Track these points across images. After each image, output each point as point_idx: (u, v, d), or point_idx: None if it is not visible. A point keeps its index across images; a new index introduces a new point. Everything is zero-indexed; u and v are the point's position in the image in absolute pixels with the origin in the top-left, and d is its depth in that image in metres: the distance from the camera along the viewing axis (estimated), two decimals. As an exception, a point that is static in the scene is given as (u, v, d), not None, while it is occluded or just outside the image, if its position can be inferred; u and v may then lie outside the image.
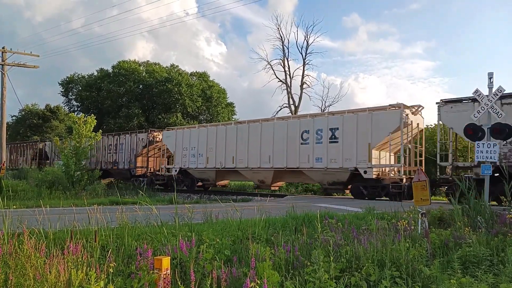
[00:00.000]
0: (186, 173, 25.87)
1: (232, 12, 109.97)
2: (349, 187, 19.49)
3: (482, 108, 10.44)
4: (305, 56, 41.18)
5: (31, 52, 27.49)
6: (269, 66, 41.60)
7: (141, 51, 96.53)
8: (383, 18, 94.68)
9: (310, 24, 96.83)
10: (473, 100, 14.77)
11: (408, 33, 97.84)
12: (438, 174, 16.55)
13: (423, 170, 14.21)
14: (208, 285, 3.51)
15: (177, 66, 52.69)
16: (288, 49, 43.24)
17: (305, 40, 41.82)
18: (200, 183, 26.13)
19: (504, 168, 12.07)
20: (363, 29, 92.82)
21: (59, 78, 62.80)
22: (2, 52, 26.53)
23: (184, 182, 26.38)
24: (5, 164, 25.34)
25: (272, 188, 23.61)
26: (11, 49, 26.84)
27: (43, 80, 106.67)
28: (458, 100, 15.90)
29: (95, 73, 53.48)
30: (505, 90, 10.42)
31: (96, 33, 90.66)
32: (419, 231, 6.16)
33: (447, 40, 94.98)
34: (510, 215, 7.22)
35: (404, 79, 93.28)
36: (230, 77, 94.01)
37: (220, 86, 51.95)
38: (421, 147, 19.24)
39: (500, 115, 10.27)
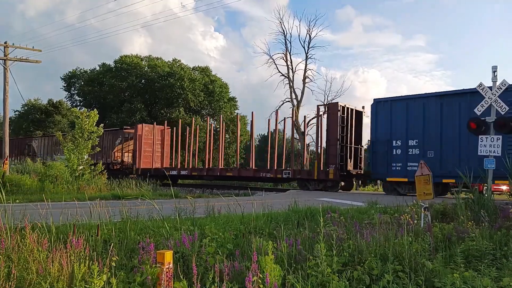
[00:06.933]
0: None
1: (230, 6, 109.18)
2: None
3: (486, 102, 10.37)
4: (308, 50, 41.00)
5: (33, 47, 27.44)
6: (271, 60, 41.42)
7: (137, 46, 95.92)
8: (378, 11, 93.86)
9: (312, 18, 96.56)
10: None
11: (404, 26, 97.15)
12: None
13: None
14: (211, 279, 3.52)
15: (179, 60, 52.47)
16: (290, 43, 42.76)
17: (307, 34, 41.56)
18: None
19: None
20: (358, 22, 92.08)
21: (57, 72, 62.60)
22: (5, 47, 26.47)
23: None
24: (8, 159, 25.40)
25: None
26: (13, 43, 26.81)
27: (41, 75, 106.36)
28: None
29: (97, 68, 53.44)
30: (508, 84, 10.34)
31: (93, 27, 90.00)
32: (421, 225, 6.14)
33: (446, 34, 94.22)
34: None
35: (406, 73, 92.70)
36: (228, 72, 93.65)
37: (222, 80, 51.81)
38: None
39: (504, 109, 10.20)
